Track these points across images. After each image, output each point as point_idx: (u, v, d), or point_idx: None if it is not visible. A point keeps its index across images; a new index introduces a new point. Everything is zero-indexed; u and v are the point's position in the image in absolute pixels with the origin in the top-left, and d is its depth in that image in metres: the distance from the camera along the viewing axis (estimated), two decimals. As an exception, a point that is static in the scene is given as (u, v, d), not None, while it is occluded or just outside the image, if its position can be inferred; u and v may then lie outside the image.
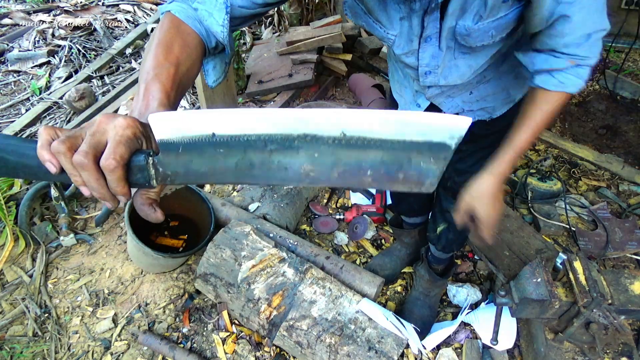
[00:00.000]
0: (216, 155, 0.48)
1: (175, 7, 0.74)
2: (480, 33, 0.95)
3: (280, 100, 3.07)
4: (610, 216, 2.22)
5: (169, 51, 0.67)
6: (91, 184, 0.50)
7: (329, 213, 2.32)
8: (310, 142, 0.46)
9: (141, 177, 0.52)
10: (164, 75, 0.63)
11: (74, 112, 3.07)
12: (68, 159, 0.48)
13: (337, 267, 1.78)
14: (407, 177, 0.47)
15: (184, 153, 0.49)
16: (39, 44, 3.83)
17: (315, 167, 0.48)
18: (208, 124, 0.47)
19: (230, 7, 0.78)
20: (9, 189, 2.33)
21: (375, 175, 0.47)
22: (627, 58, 3.25)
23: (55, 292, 1.96)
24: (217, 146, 0.48)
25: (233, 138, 0.47)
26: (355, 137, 0.45)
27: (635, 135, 2.79)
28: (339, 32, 3.21)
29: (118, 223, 2.27)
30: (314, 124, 0.45)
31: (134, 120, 0.51)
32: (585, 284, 1.34)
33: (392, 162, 0.47)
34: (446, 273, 1.83)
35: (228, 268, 1.75)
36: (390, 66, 1.42)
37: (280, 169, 0.48)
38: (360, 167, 0.47)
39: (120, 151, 0.49)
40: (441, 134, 0.44)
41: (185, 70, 0.68)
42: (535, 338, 1.61)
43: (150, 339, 1.72)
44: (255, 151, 0.48)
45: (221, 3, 0.77)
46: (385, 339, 1.53)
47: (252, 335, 1.77)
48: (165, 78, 0.63)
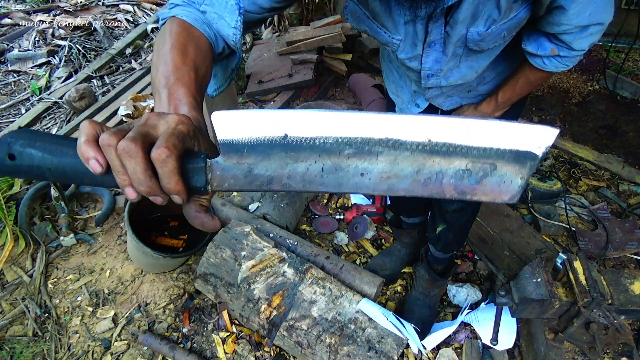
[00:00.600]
0: (286, 158, 0.45)
1: (181, 11, 0.71)
2: (493, 36, 0.97)
3: (280, 100, 3.07)
4: (610, 216, 2.22)
5: (185, 55, 0.63)
6: (138, 175, 0.42)
7: (329, 213, 2.32)
8: (393, 147, 0.44)
9: (197, 181, 0.46)
10: (186, 79, 0.59)
11: (74, 112, 3.07)
12: (117, 152, 0.42)
13: (337, 267, 1.78)
14: (492, 185, 0.46)
15: (248, 156, 0.45)
16: (39, 44, 3.83)
17: (395, 173, 0.46)
18: (281, 124, 0.44)
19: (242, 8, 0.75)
20: (9, 189, 2.33)
21: (458, 183, 0.46)
22: (627, 58, 3.25)
23: (55, 292, 1.96)
24: (288, 149, 0.44)
25: (307, 140, 0.44)
26: (441, 144, 0.44)
27: (635, 135, 2.79)
28: (339, 32, 3.21)
29: (118, 223, 2.27)
30: (398, 128, 0.44)
31: (187, 117, 0.47)
32: (585, 284, 1.34)
33: (477, 170, 0.45)
34: (446, 273, 1.83)
35: (228, 268, 1.75)
36: (385, 67, 1.42)
37: (355, 175, 0.46)
38: (443, 175, 0.45)
39: (173, 141, 0.43)
40: (529, 143, 0.44)
41: (203, 75, 0.64)
42: (535, 338, 1.61)
43: (150, 339, 1.72)
44: (330, 155, 0.45)
45: (232, 5, 0.73)
46: (385, 339, 1.53)
47: (252, 335, 1.77)
48: (188, 81, 0.59)
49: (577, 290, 1.34)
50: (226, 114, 0.44)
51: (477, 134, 0.44)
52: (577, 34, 0.96)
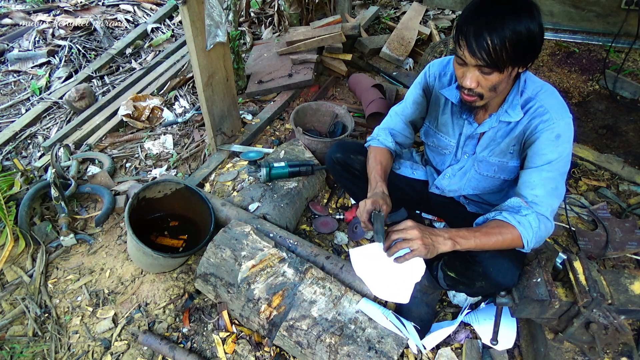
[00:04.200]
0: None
1: (374, 143, 1.69)
2: (488, 165, 1.49)
3: (280, 101, 3.07)
4: (610, 216, 2.22)
5: (376, 160, 1.61)
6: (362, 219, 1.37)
7: (329, 213, 2.32)
8: None
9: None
10: (378, 170, 1.55)
11: (74, 112, 3.07)
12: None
13: (337, 267, 1.78)
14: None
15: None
16: (39, 44, 3.83)
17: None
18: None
19: (392, 135, 1.69)
20: (9, 189, 2.34)
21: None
22: (627, 58, 3.25)
23: (55, 292, 1.96)
24: None
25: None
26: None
27: (635, 135, 2.79)
28: (339, 32, 3.21)
29: (118, 223, 2.27)
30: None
31: (374, 200, 1.40)
32: (585, 284, 1.34)
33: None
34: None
35: (228, 268, 1.75)
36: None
37: None
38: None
39: (367, 208, 1.38)
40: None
41: (385, 166, 1.60)
42: (535, 338, 1.61)
43: (150, 339, 1.72)
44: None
45: (388, 135, 1.69)
46: (385, 339, 1.53)
47: (252, 335, 1.77)
48: (380, 172, 1.55)
49: (577, 290, 1.34)
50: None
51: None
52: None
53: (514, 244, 1.28)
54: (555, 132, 1.27)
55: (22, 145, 2.88)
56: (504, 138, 1.40)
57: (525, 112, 1.33)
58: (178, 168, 2.63)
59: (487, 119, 1.41)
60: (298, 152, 2.42)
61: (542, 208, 1.28)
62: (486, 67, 1.16)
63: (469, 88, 1.24)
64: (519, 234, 1.25)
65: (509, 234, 1.26)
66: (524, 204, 1.29)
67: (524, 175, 1.33)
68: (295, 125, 2.49)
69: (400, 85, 3.24)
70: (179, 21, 4.21)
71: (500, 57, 1.13)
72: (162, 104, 3.11)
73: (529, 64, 1.23)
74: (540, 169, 1.29)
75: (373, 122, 2.79)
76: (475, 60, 1.16)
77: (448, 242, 1.22)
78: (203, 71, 2.22)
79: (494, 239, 1.25)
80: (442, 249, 1.23)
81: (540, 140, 1.29)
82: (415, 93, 1.60)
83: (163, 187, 2.04)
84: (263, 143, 2.79)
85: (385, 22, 3.98)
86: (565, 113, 1.30)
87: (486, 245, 1.25)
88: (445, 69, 1.52)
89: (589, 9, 3.52)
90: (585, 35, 3.59)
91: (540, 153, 1.29)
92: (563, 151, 1.28)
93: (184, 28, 2.08)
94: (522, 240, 1.26)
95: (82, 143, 2.82)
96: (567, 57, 3.45)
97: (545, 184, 1.28)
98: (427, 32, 3.69)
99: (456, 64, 1.25)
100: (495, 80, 1.20)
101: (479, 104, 1.30)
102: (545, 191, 1.28)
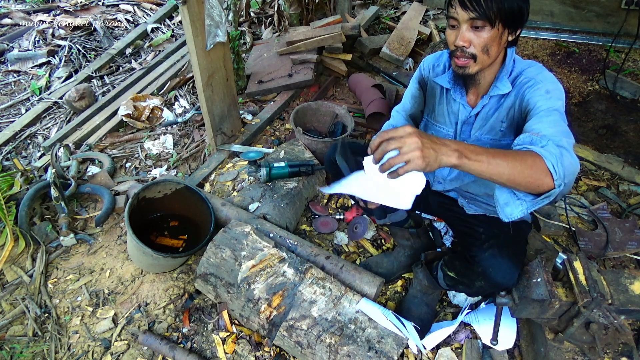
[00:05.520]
0: None
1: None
2: (481, 144, 1.36)
3: (280, 101, 3.07)
4: (610, 216, 2.21)
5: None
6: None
7: (329, 213, 2.32)
8: None
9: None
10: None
11: (74, 112, 3.07)
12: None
13: (337, 267, 1.78)
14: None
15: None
16: (39, 44, 3.83)
17: None
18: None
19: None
20: (9, 189, 2.34)
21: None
22: (627, 58, 3.26)
23: (55, 292, 1.96)
24: None
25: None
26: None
27: (635, 135, 2.79)
28: (339, 32, 3.21)
29: (118, 223, 2.27)
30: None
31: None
32: (585, 284, 1.34)
33: None
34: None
35: (228, 268, 1.75)
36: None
37: None
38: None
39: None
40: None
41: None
42: (535, 338, 1.61)
43: (150, 339, 1.72)
44: None
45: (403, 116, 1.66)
46: (385, 339, 1.53)
47: (252, 335, 1.77)
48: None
49: (577, 290, 1.34)
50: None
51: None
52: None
53: (537, 172, 1.01)
54: (544, 89, 1.26)
55: (22, 145, 2.88)
56: (493, 113, 1.40)
57: (514, 85, 1.34)
58: (178, 168, 2.63)
59: (480, 101, 1.43)
60: (298, 152, 2.42)
61: (557, 139, 1.08)
62: (478, 19, 1.18)
63: (462, 47, 1.24)
64: (541, 157, 1.02)
65: (529, 157, 1.02)
66: (535, 136, 1.10)
67: (527, 127, 1.19)
68: (295, 125, 2.49)
69: (400, 85, 3.24)
70: (179, 21, 4.21)
71: (490, 5, 1.17)
72: (162, 104, 3.11)
73: (517, 30, 1.25)
74: (540, 116, 1.19)
75: (373, 122, 2.79)
76: (467, 12, 1.18)
77: (454, 155, 0.98)
78: (203, 71, 2.22)
79: (512, 162, 1.00)
80: (445, 162, 0.98)
81: (532, 99, 1.26)
82: (413, 87, 1.63)
83: (163, 187, 2.04)
84: (263, 143, 2.79)
85: (385, 22, 3.98)
86: (553, 79, 1.29)
87: (500, 168, 0.99)
88: (439, 60, 1.54)
89: (589, 9, 3.52)
90: (586, 35, 3.60)
91: (535, 107, 1.23)
92: (555, 104, 1.21)
93: (184, 28, 2.08)
94: (545, 163, 1.01)
95: (82, 143, 2.82)
96: (567, 57, 3.46)
97: (550, 125, 1.14)
98: (427, 32, 3.69)
99: (449, 31, 1.27)
100: (487, 37, 1.21)
101: (473, 69, 1.28)
102: (555, 130, 1.12)
